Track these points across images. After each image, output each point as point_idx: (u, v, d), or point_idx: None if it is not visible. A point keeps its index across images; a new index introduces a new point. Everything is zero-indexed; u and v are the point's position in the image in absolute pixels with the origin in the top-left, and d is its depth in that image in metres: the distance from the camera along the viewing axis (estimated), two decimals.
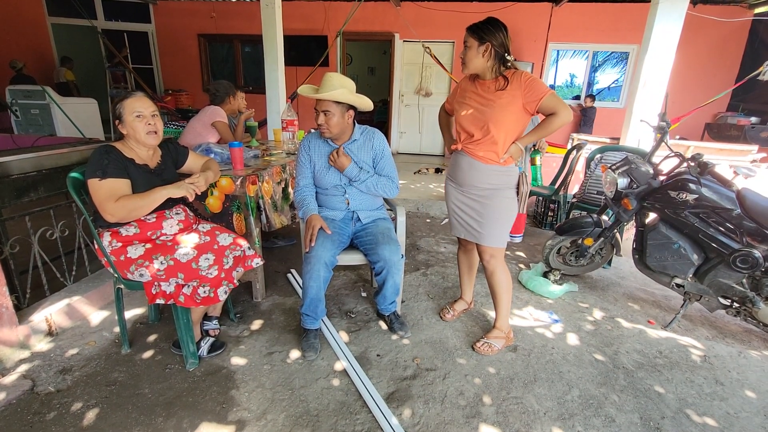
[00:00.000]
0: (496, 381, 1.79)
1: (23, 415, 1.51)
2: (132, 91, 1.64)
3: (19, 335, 1.83)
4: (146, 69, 7.86)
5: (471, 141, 1.82)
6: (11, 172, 2.02)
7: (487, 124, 1.74)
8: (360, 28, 6.83)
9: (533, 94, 1.68)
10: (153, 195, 1.62)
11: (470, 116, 1.79)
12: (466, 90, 1.83)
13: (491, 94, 1.73)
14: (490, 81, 1.74)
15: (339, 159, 1.95)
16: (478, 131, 1.78)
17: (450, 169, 1.98)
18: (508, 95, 1.70)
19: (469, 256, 2.22)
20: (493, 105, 1.72)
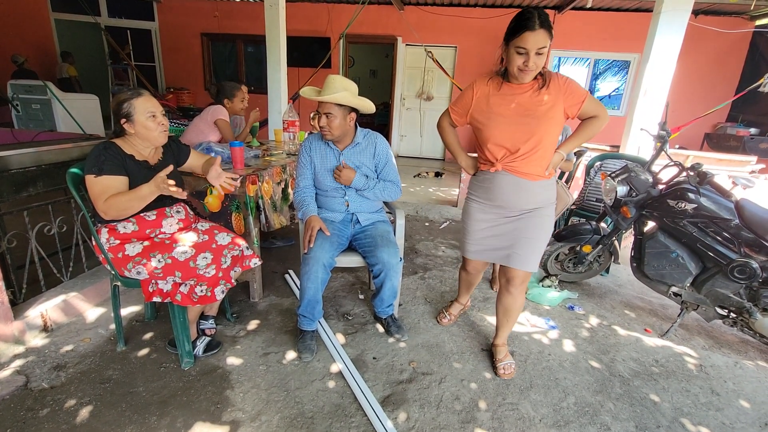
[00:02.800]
0: (492, 386, 1.78)
1: (16, 411, 1.50)
2: (137, 90, 1.63)
3: (14, 330, 1.82)
4: (149, 66, 7.87)
5: (515, 158, 1.57)
6: (10, 167, 2.01)
7: (535, 135, 1.53)
8: (363, 31, 6.85)
9: (575, 97, 1.53)
10: (139, 193, 1.56)
11: (511, 129, 1.54)
12: (490, 97, 1.58)
13: (531, 99, 1.52)
14: (527, 83, 1.52)
15: (343, 173, 1.94)
16: (524, 145, 1.55)
17: (481, 191, 1.72)
18: (550, 100, 1.51)
19: (474, 277, 2.07)
20: (537, 113, 1.51)
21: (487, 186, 1.69)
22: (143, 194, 1.56)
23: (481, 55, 6.78)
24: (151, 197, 1.59)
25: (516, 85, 1.54)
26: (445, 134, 1.82)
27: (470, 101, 1.63)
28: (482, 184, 1.72)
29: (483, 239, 1.78)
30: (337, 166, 1.98)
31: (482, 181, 1.71)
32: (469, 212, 1.79)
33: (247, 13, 7.25)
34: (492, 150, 1.61)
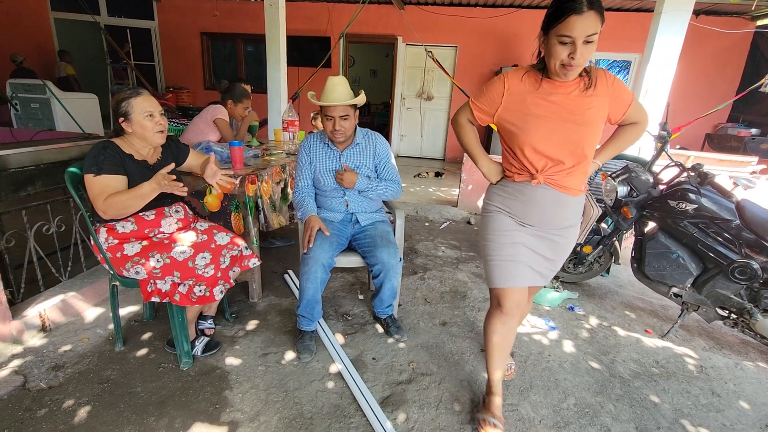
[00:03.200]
0: None
1: (14, 411, 1.50)
2: (137, 89, 1.62)
3: (12, 330, 1.81)
4: (148, 66, 7.86)
5: (559, 170, 1.33)
6: (9, 166, 2.01)
7: (581, 145, 1.29)
8: (363, 31, 6.84)
9: (622, 100, 1.32)
10: (139, 191, 1.56)
11: (554, 136, 1.29)
12: (527, 95, 1.31)
13: (577, 101, 1.27)
14: (572, 81, 1.27)
15: (345, 176, 1.94)
16: (570, 156, 1.30)
17: (511, 204, 1.43)
18: (598, 101, 1.28)
19: (514, 323, 1.51)
20: (583, 118, 1.27)
21: (522, 200, 1.41)
22: (143, 192, 1.56)
23: (482, 55, 6.78)
24: (152, 196, 1.59)
25: (559, 83, 1.27)
26: (462, 132, 1.52)
27: (499, 98, 1.34)
28: (513, 197, 1.42)
29: (518, 259, 1.43)
30: (339, 170, 1.97)
31: (513, 194, 1.42)
32: (498, 227, 1.45)
33: (247, 12, 7.24)
34: (531, 158, 1.34)
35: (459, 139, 1.55)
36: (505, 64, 6.50)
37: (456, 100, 7.08)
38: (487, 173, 1.51)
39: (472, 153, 1.53)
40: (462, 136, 1.54)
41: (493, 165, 1.51)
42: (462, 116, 1.50)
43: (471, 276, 2.86)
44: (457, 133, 1.55)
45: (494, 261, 1.44)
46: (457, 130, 1.54)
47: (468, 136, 1.52)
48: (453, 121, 1.54)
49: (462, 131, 1.53)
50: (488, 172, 1.51)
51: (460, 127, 1.52)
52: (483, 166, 1.51)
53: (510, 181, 1.44)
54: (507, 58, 6.64)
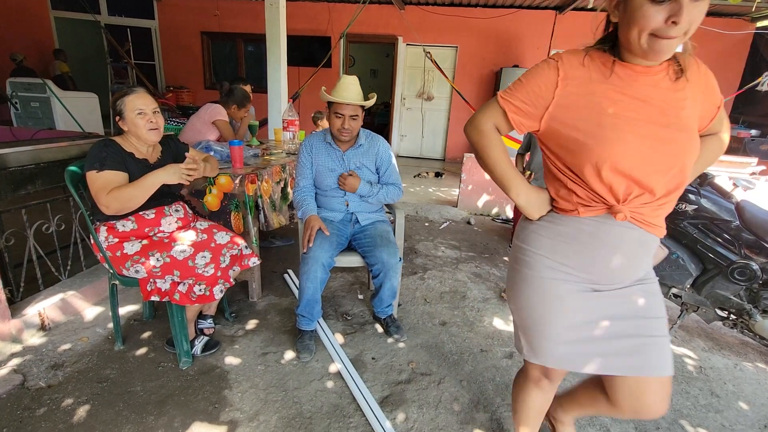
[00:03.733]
0: (491, 387, 1.78)
1: (13, 410, 1.50)
2: (133, 87, 1.63)
3: (12, 329, 1.81)
4: (148, 65, 7.85)
5: (649, 200, 0.92)
6: (9, 165, 2.01)
7: (684, 162, 0.89)
8: (364, 30, 6.84)
9: (713, 99, 0.96)
10: (144, 182, 1.56)
11: (646, 148, 0.87)
12: (595, 85, 0.89)
13: (667, 94, 0.89)
14: (658, 67, 0.89)
15: (348, 181, 1.95)
16: (667, 178, 0.89)
17: (565, 250, 1.00)
18: (691, 97, 0.91)
19: (550, 393, 1.25)
20: (680, 121, 0.88)
21: (589, 244, 0.96)
22: (149, 183, 1.56)
23: (482, 55, 6.78)
24: (155, 187, 1.58)
25: (641, 69, 0.88)
26: (486, 144, 1.02)
27: (550, 91, 0.91)
28: (573, 241, 0.98)
29: (576, 334, 1.01)
30: (342, 174, 1.97)
31: (574, 236, 0.97)
32: (546, 291, 1.01)
33: (248, 11, 7.24)
34: (610, 182, 0.89)
35: (480, 155, 1.05)
36: (506, 64, 6.51)
37: (456, 100, 7.08)
38: (527, 205, 1.03)
39: (502, 175, 1.03)
40: (485, 150, 1.02)
41: (535, 193, 1.03)
42: (485, 120, 1.00)
43: (470, 276, 2.86)
44: (477, 146, 1.04)
45: (535, 328, 1.04)
46: (477, 141, 1.03)
47: (495, 150, 1.02)
48: (471, 129, 1.04)
49: (486, 143, 1.01)
50: (529, 203, 1.03)
51: (482, 136, 1.01)
52: (520, 195, 1.02)
53: (565, 217, 0.98)
54: (508, 59, 6.65)
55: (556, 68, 0.92)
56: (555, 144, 0.97)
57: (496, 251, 3.38)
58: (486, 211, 4.45)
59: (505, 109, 0.97)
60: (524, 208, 1.04)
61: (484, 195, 4.41)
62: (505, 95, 0.97)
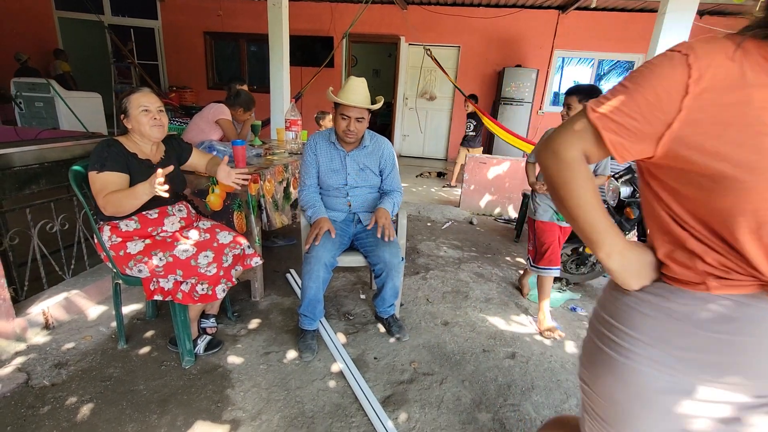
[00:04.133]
0: (493, 387, 1.77)
1: (17, 408, 1.50)
2: (139, 87, 1.64)
3: (16, 328, 1.82)
4: (152, 65, 7.87)
5: None
6: (13, 164, 2.02)
7: None
8: (366, 30, 6.84)
9: None
10: (134, 191, 1.54)
11: None
12: (756, 91, 0.56)
13: None
14: None
15: (380, 220, 1.91)
16: None
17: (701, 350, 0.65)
18: None
19: None
20: None
21: (725, 332, 0.63)
22: (137, 193, 1.53)
23: (485, 55, 6.77)
24: (146, 197, 1.54)
25: None
26: (570, 180, 0.72)
27: (676, 100, 0.60)
28: (694, 326, 0.65)
29: None
30: (383, 225, 1.90)
31: (694, 319, 0.65)
32: (636, 384, 0.69)
33: (251, 11, 7.25)
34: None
35: (557, 192, 0.73)
36: (508, 64, 6.50)
37: (458, 99, 7.07)
38: (623, 270, 0.71)
39: (589, 223, 0.71)
40: (567, 187, 0.72)
41: (634, 253, 0.72)
42: (569, 145, 0.70)
43: (473, 276, 2.85)
44: (554, 180, 0.73)
45: None
46: (555, 173, 0.72)
47: (580, 187, 0.71)
48: (547, 156, 0.73)
49: (568, 176, 0.71)
50: (625, 267, 0.71)
51: (563, 166, 0.71)
52: (613, 255, 0.71)
53: (682, 291, 0.67)
54: (510, 59, 6.63)
55: (685, 65, 0.59)
56: (678, 179, 0.64)
57: (498, 251, 3.37)
58: (488, 211, 4.44)
59: (600, 128, 0.65)
60: (618, 274, 0.71)
61: (486, 195, 4.40)
62: (601, 107, 0.65)
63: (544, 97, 6.90)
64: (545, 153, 0.74)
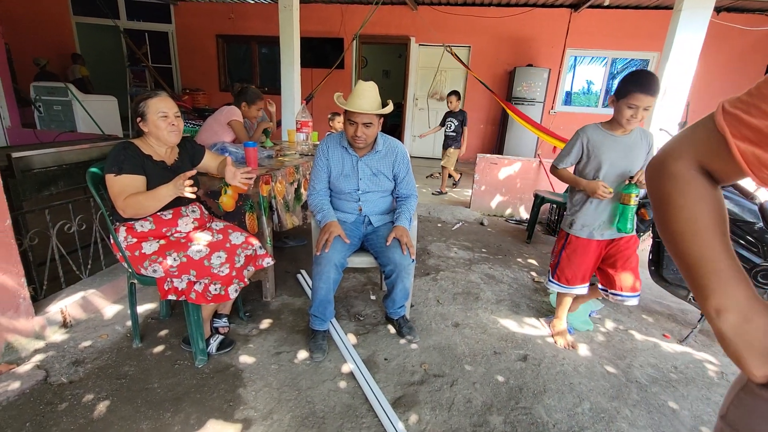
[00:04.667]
0: (504, 390, 1.76)
1: (36, 404, 1.54)
2: (156, 90, 1.67)
3: (35, 326, 1.86)
4: (165, 68, 8.01)
5: None
6: (33, 166, 2.07)
7: None
8: (376, 31, 6.85)
9: None
10: (157, 193, 1.60)
11: None
12: None
13: None
14: None
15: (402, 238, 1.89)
16: None
17: None
18: None
19: None
20: None
21: None
22: (161, 195, 1.60)
23: (496, 54, 6.73)
24: (169, 198, 1.62)
25: None
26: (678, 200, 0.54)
27: None
28: None
29: None
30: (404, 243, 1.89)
31: None
32: None
33: (262, 14, 7.32)
34: None
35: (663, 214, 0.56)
36: (520, 64, 6.44)
37: (469, 99, 7.03)
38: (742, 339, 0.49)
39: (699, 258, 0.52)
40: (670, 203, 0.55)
41: (762, 314, 0.49)
42: (683, 154, 0.55)
43: (484, 277, 2.84)
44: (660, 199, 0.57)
45: None
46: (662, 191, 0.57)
47: (691, 207, 0.53)
48: (656, 169, 0.58)
49: (674, 190, 0.55)
50: (749, 334, 0.48)
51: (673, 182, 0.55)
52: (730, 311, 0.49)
53: None
54: (522, 58, 6.58)
55: None
56: None
57: (509, 252, 3.35)
58: (499, 212, 4.41)
59: (729, 135, 0.49)
60: (731, 345, 0.50)
61: (497, 196, 4.37)
62: (735, 107, 0.49)
63: (556, 96, 6.83)
64: (656, 166, 0.58)
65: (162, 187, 1.60)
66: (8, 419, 1.47)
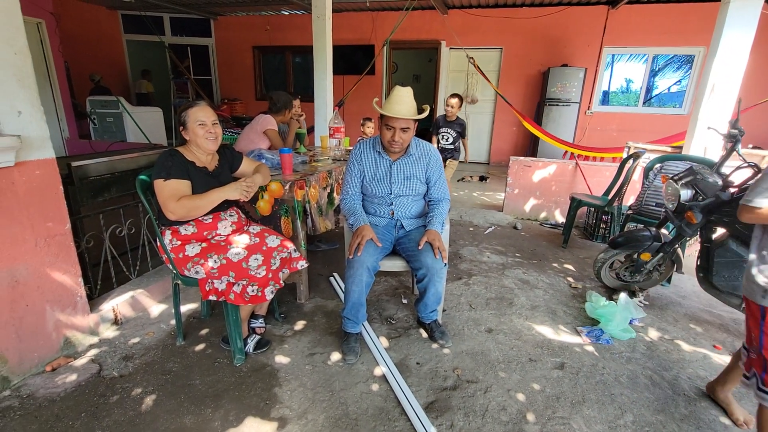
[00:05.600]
0: (540, 398, 1.71)
1: (90, 396, 1.65)
2: (196, 100, 1.77)
3: (90, 323, 2.00)
4: (206, 80, 8.42)
5: None
6: (89, 174, 2.24)
7: None
8: (407, 37, 6.90)
9: None
10: (210, 196, 1.74)
11: None
12: None
13: None
14: None
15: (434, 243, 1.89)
16: None
17: None
18: None
19: None
20: None
21: None
22: (215, 197, 1.74)
23: (529, 56, 6.60)
24: (218, 201, 1.75)
25: None
26: None
27: None
28: None
29: None
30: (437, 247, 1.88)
31: None
32: None
33: (296, 25, 7.55)
34: None
35: None
36: (554, 64, 6.28)
37: (501, 103, 6.92)
38: None
39: None
40: None
41: None
42: None
43: (517, 282, 2.77)
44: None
45: None
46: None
47: None
48: None
49: None
50: None
51: None
52: None
53: None
54: (556, 58, 6.42)
55: None
56: None
57: (544, 257, 3.26)
58: (533, 215, 4.30)
59: None
60: None
61: (531, 199, 4.27)
62: None
63: (593, 96, 6.60)
64: None
65: (217, 190, 1.74)
66: (66, 409, 1.58)
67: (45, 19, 5.59)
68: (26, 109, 1.63)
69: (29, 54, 1.63)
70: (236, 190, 1.79)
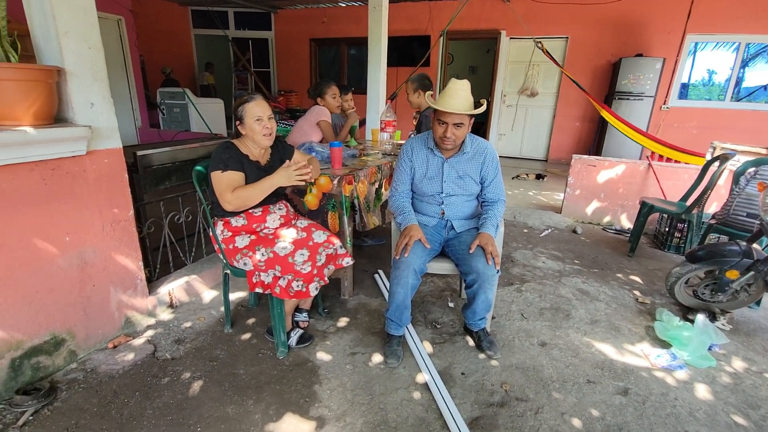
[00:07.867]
0: (600, 427, 1.55)
1: (144, 376, 1.74)
2: (252, 94, 1.77)
3: (148, 305, 2.11)
4: (264, 72, 8.71)
5: None
6: (153, 163, 2.35)
7: None
8: (464, 27, 6.64)
9: None
10: (263, 184, 1.73)
11: None
12: None
13: None
14: None
15: (487, 247, 1.78)
16: None
17: None
18: None
19: None
20: None
21: None
22: (266, 186, 1.73)
23: (597, 45, 6.09)
24: (272, 189, 1.74)
25: None
26: None
27: None
28: None
29: None
30: (489, 252, 1.77)
31: None
32: None
33: (352, 16, 7.54)
34: None
35: None
36: (627, 54, 5.74)
37: (564, 95, 6.49)
38: None
39: None
40: None
41: None
42: None
43: (576, 292, 2.56)
44: None
45: None
46: None
47: None
48: None
49: None
50: None
51: None
52: None
53: None
54: (629, 48, 5.86)
55: None
56: None
57: (607, 266, 2.99)
58: (596, 219, 3.97)
59: None
60: None
61: (594, 201, 3.94)
62: None
63: (671, 89, 5.95)
64: None
65: (268, 178, 1.73)
66: (123, 387, 1.67)
67: (124, 16, 6.03)
68: (98, 101, 1.72)
69: (102, 48, 1.72)
70: (286, 176, 1.74)
